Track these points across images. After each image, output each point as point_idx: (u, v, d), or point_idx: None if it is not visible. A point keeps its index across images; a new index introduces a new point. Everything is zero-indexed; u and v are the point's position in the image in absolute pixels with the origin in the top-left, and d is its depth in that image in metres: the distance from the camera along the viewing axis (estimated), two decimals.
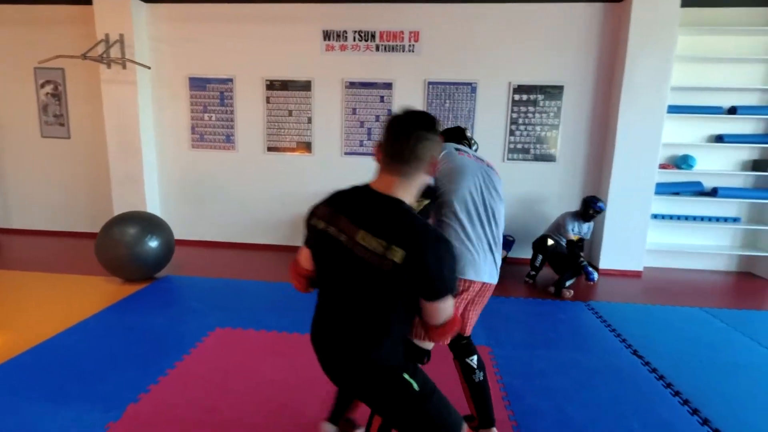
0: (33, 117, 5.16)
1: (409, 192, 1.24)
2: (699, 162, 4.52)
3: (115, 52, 4.50)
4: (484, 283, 1.73)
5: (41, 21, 4.88)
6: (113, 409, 2.04)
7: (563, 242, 4.03)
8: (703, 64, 4.38)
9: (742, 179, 4.58)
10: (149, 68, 4.68)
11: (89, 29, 4.67)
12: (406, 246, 1.10)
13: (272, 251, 5.04)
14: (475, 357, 1.85)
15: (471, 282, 1.68)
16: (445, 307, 1.18)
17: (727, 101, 4.41)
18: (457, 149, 1.83)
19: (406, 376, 1.23)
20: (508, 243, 4.42)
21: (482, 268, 1.69)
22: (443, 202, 1.70)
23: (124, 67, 4.54)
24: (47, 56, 4.53)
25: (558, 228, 4.11)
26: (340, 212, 1.23)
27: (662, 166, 4.49)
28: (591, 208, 3.97)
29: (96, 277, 3.88)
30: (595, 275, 3.78)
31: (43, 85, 5.07)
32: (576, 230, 4.03)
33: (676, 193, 4.54)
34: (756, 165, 4.48)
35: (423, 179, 1.26)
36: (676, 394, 2.34)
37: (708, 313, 3.51)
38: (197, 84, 4.85)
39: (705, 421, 2.11)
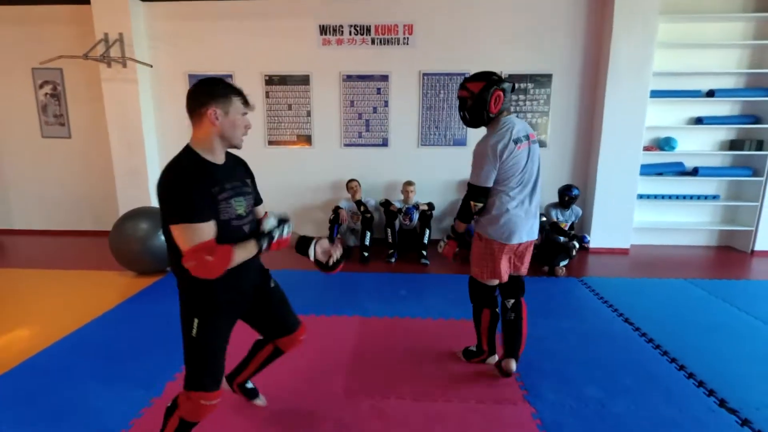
0: (33, 117, 5.20)
1: (193, 139, 1.53)
2: (680, 143, 4.78)
3: (114, 51, 4.57)
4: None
5: (38, 21, 4.91)
6: (153, 387, 2.22)
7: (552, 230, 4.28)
8: (683, 50, 4.61)
9: (721, 159, 4.86)
10: (151, 66, 4.77)
11: (86, 28, 4.73)
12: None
13: None
14: (511, 300, 2.27)
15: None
16: (177, 235, 1.35)
17: (705, 85, 4.66)
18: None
19: (196, 320, 1.49)
20: None
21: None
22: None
23: (125, 65, 4.62)
24: (44, 56, 4.59)
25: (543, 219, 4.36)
26: None
27: (646, 149, 4.74)
28: (566, 196, 4.21)
29: (109, 272, 4.01)
30: (587, 237, 4.20)
31: (41, 86, 5.12)
32: (561, 217, 4.27)
33: (660, 174, 4.80)
34: (733, 145, 4.75)
35: (204, 130, 1.49)
36: (664, 353, 2.59)
37: (691, 284, 3.78)
38: (196, 80, 4.93)
39: (690, 375, 2.36)
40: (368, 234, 4.47)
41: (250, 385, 2.04)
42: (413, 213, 4.49)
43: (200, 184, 1.39)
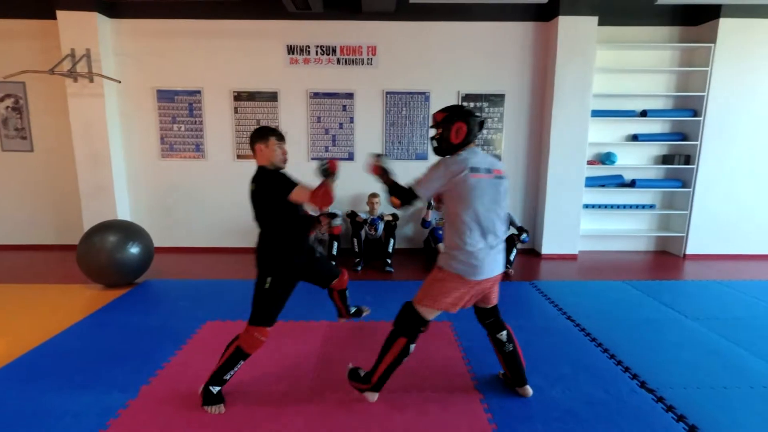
0: None
1: (258, 163, 2.26)
2: (619, 158, 5.27)
3: (81, 67, 4.62)
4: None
5: (0, 35, 4.89)
6: (128, 390, 2.32)
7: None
8: (619, 75, 5.13)
9: (655, 172, 5.38)
10: (119, 82, 4.84)
11: (50, 43, 4.77)
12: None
13: (245, 253, 5.30)
14: (504, 332, 2.29)
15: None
16: (298, 195, 2.12)
17: (639, 106, 5.18)
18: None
19: (269, 278, 2.19)
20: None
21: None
22: None
23: (92, 80, 4.67)
24: (6, 70, 4.61)
25: None
26: None
27: (590, 162, 5.20)
28: None
29: (76, 285, 4.03)
30: (525, 236, 4.40)
31: (2, 99, 5.07)
32: None
33: (603, 186, 5.27)
34: (665, 159, 5.28)
35: (259, 157, 2.24)
36: (599, 345, 2.92)
37: (628, 284, 4.19)
38: (165, 96, 5.05)
39: (619, 362, 2.68)
40: (335, 244, 4.67)
41: (352, 310, 2.95)
42: (378, 223, 4.74)
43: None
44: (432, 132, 2.18)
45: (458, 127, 2.05)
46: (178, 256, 5.16)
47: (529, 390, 2.32)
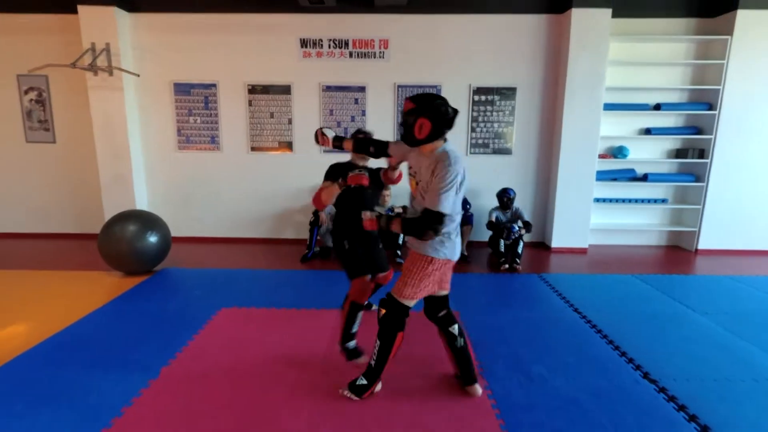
0: (17, 122, 5.31)
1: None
2: (632, 152, 5.24)
3: (101, 61, 4.75)
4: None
5: (24, 29, 5.05)
6: (149, 372, 2.45)
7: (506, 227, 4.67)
8: (633, 68, 5.09)
9: (668, 166, 5.34)
10: (138, 76, 4.97)
11: (71, 37, 4.91)
12: None
13: (258, 244, 5.44)
14: (456, 326, 2.24)
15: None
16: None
17: (653, 99, 5.14)
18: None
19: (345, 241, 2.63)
20: (468, 217, 4.95)
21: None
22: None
23: (111, 74, 4.80)
24: (30, 64, 4.78)
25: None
26: None
27: (601, 156, 5.18)
28: (505, 197, 4.68)
29: (97, 272, 4.19)
30: (515, 227, 4.49)
31: (26, 92, 5.24)
32: (502, 218, 4.74)
33: (614, 179, 5.25)
34: (678, 153, 5.24)
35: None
36: (604, 337, 2.96)
37: (637, 279, 4.20)
38: (181, 89, 5.16)
39: (623, 354, 2.73)
40: None
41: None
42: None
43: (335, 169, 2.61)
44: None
45: (422, 123, 1.91)
46: (194, 246, 5.31)
47: (479, 389, 2.27)
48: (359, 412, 2.12)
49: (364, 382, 2.21)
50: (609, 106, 5.02)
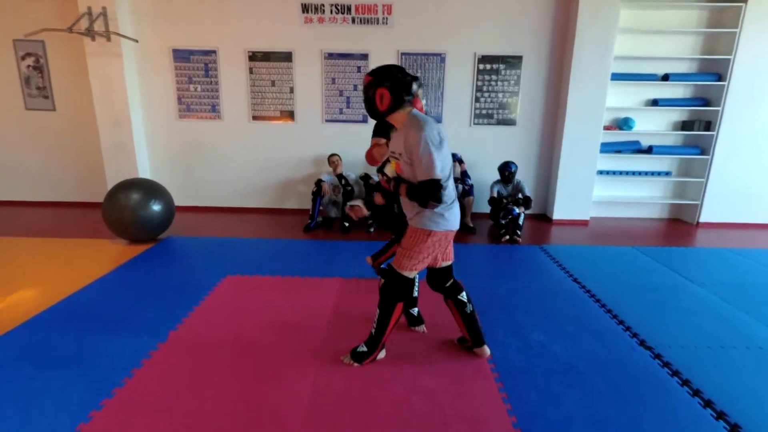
0: (15, 89, 5.25)
1: None
2: (637, 123, 5.18)
3: (98, 25, 4.65)
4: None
5: None
6: (157, 335, 2.51)
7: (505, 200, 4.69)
8: (642, 36, 4.96)
9: (673, 138, 5.29)
10: (137, 41, 4.87)
11: (67, 2, 4.78)
12: None
13: (261, 214, 5.46)
14: (464, 293, 2.29)
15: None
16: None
17: (661, 69, 5.03)
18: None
19: None
20: (470, 189, 4.94)
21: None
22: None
23: (109, 39, 4.70)
24: (25, 29, 4.68)
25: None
26: None
27: (606, 128, 5.12)
28: (506, 171, 4.66)
29: (102, 240, 4.23)
30: (516, 210, 4.47)
31: (23, 57, 5.15)
32: (504, 192, 4.73)
33: (618, 152, 5.21)
34: (684, 125, 5.18)
35: None
36: (602, 306, 3.01)
37: (638, 251, 4.23)
38: (181, 56, 5.06)
39: (620, 322, 2.78)
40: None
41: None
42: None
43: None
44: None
45: (381, 93, 1.94)
46: (197, 215, 5.33)
47: (488, 350, 2.35)
48: (362, 376, 2.18)
49: (365, 349, 2.26)
50: (616, 76, 4.92)
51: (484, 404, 1.99)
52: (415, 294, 2.59)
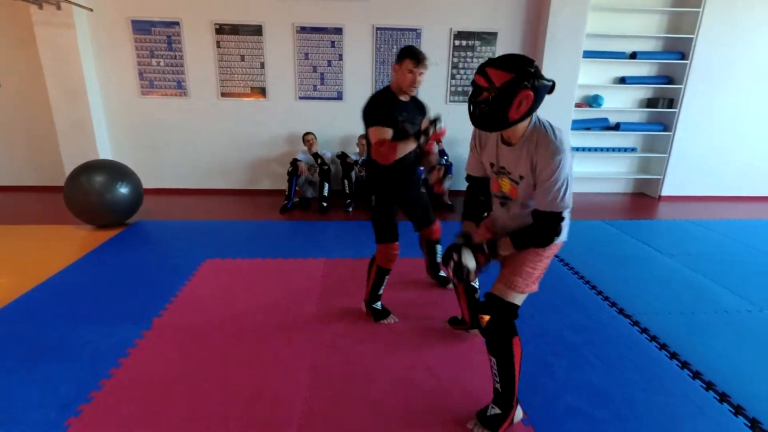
0: None
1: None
2: (606, 101, 5.33)
3: None
4: None
5: None
6: (141, 323, 2.41)
7: None
8: (612, 14, 5.05)
9: (639, 115, 5.49)
10: (91, 10, 4.50)
11: None
12: None
13: (234, 195, 5.29)
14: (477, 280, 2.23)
15: None
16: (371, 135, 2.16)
17: (630, 47, 5.17)
18: None
19: (373, 196, 2.33)
20: (449, 167, 4.99)
21: None
22: None
23: (59, 8, 4.31)
24: None
25: None
26: None
27: (577, 105, 5.24)
28: None
29: (66, 226, 3.98)
30: None
31: None
32: None
33: (588, 129, 5.36)
34: (650, 103, 5.37)
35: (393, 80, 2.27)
36: (581, 278, 3.14)
37: (607, 224, 4.42)
38: (141, 27, 4.73)
39: (599, 293, 2.92)
40: (326, 185, 4.70)
41: (442, 273, 2.89)
42: None
43: (387, 108, 2.18)
44: (478, 93, 1.48)
45: (524, 96, 1.41)
46: (166, 197, 5.10)
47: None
48: (360, 356, 2.19)
49: (497, 411, 1.73)
50: (587, 54, 5.01)
51: (482, 378, 2.04)
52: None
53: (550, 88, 1.49)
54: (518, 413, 1.79)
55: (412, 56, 2.14)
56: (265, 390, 1.91)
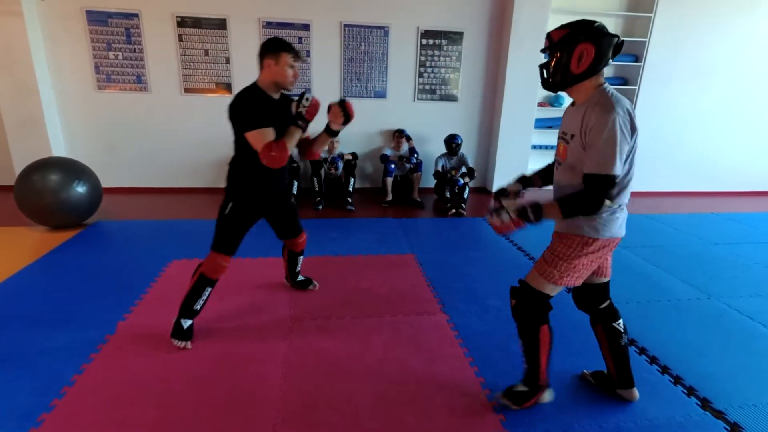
0: None
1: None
2: (566, 100, 5.53)
3: None
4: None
5: None
6: (104, 327, 2.32)
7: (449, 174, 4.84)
8: (572, 17, 5.21)
9: None
10: None
11: None
12: None
13: (198, 194, 5.15)
14: (621, 320, 1.84)
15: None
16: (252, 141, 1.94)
17: None
18: None
19: (231, 203, 2.13)
20: (419, 165, 5.04)
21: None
22: None
23: None
24: None
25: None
26: None
27: (540, 105, 5.42)
28: (453, 143, 4.87)
29: (17, 228, 3.77)
30: (461, 181, 4.64)
31: None
32: (448, 164, 4.92)
33: (550, 127, 5.55)
34: None
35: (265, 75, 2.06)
36: None
37: None
38: (96, 18, 4.52)
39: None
40: (295, 183, 4.65)
41: (300, 278, 2.80)
42: (338, 162, 4.74)
43: (263, 107, 2.00)
44: (542, 58, 1.57)
45: (582, 50, 1.46)
46: (126, 196, 4.90)
47: (637, 393, 1.91)
48: (334, 351, 2.20)
49: (524, 388, 1.81)
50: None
51: (453, 369, 2.10)
52: None
53: (617, 46, 1.50)
54: (546, 395, 1.84)
55: (289, 50, 2.00)
56: (238, 391, 1.89)
